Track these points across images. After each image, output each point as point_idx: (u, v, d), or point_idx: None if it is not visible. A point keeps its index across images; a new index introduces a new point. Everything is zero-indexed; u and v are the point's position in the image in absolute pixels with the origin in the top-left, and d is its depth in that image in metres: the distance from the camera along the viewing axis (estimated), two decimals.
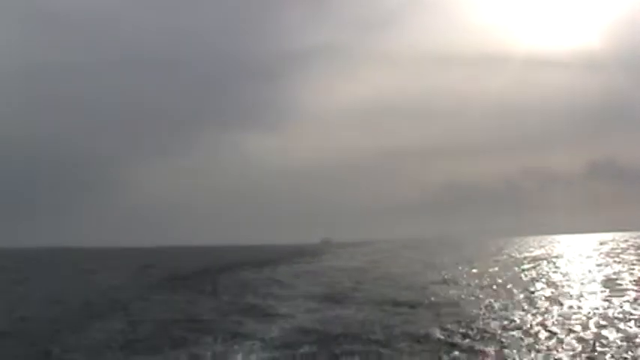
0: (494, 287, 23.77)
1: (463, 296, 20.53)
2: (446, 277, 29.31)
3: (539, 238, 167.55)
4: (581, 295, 19.88)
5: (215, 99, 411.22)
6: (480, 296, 20.41)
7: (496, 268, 36.07)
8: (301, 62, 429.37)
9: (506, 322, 14.52)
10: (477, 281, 26.72)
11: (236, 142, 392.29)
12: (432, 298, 19.74)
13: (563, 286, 23.14)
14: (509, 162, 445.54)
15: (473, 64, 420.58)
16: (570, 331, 13.16)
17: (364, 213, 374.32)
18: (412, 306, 17.70)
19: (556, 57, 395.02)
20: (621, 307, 16.46)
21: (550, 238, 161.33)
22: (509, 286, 23.67)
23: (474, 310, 16.65)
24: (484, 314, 16.01)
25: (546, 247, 79.12)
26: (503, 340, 12.32)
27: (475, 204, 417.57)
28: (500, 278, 28.08)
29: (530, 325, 14.16)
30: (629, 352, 10.83)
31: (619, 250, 56.39)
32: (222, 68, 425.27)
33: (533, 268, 35.97)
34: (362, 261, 53.80)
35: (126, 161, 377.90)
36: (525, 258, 48.92)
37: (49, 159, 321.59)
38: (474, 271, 34.46)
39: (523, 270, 33.95)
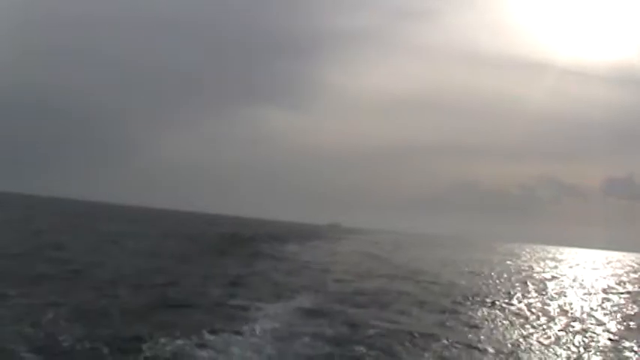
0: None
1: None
2: None
3: (545, 248, 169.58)
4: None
5: (243, 71, 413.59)
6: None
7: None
8: (333, 44, 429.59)
9: None
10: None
11: (259, 116, 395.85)
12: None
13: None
14: (527, 168, 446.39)
15: (506, 67, 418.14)
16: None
17: (376, 202, 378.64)
18: None
19: (592, 70, 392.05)
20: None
21: (558, 250, 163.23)
22: None
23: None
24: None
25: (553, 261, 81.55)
26: None
27: (488, 206, 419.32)
28: None
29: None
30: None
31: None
32: (253, 40, 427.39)
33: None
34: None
35: (148, 123, 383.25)
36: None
37: (77, 115, 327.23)
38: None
39: None
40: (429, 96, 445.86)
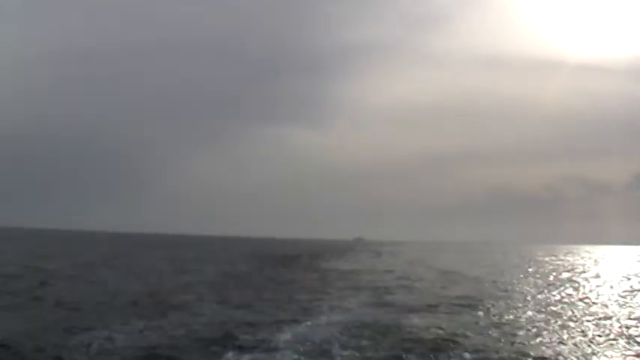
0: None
1: None
2: None
3: (580, 248, 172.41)
4: None
5: (262, 91, 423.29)
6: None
7: None
8: (351, 58, 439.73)
9: None
10: None
11: (280, 135, 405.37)
12: None
13: None
14: (553, 168, 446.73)
15: (523, 68, 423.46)
16: None
17: (400, 213, 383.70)
18: None
19: (608, 65, 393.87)
20: None
21: (597, 249, 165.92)
22: None
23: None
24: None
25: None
26: None
27: (515, 209, 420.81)
28: None
29: None
30: None
31: None
32: (271, 60, 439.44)
33: None
34: None
35: (170, 149, 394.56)
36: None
37: (98, 146, 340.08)
38: None
39: None
40: (451, 103, 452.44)
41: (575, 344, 12.76)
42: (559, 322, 15.97)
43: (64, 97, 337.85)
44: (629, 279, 35.93)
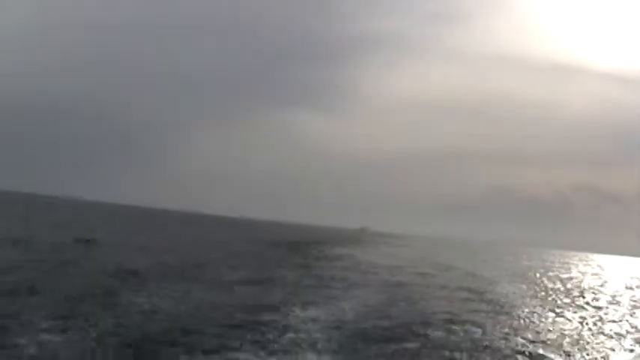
0: None
1: None
2: None
3: (588, 255, 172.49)
4: None
5: (273, 75, 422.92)
6: None
7: None
8: (364, 49, 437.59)
9: None
10: None
11: (288, 120, 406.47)
12: None
13: None
14: (565, 174, 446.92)
15: (540, 71, 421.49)
16: None
17: (405, 207, 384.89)
18: None
19: (630, 76, 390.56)
20: None
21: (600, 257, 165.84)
22: None
23: None
24: None
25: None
26: None
27: (521, 212, 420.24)
28: None
29: None
30: None
31: None
32: (283, 46, 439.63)
33: None
34: None
35: (181, 128, 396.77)
36: None
37: (118, 122, 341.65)
38: None
39: None
40: (463, 101, 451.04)
41: (569, 336, 14.57)
42: (555, 317, 17.69)
43: (83, 74, 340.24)
44: (630, 289, 36.77)
